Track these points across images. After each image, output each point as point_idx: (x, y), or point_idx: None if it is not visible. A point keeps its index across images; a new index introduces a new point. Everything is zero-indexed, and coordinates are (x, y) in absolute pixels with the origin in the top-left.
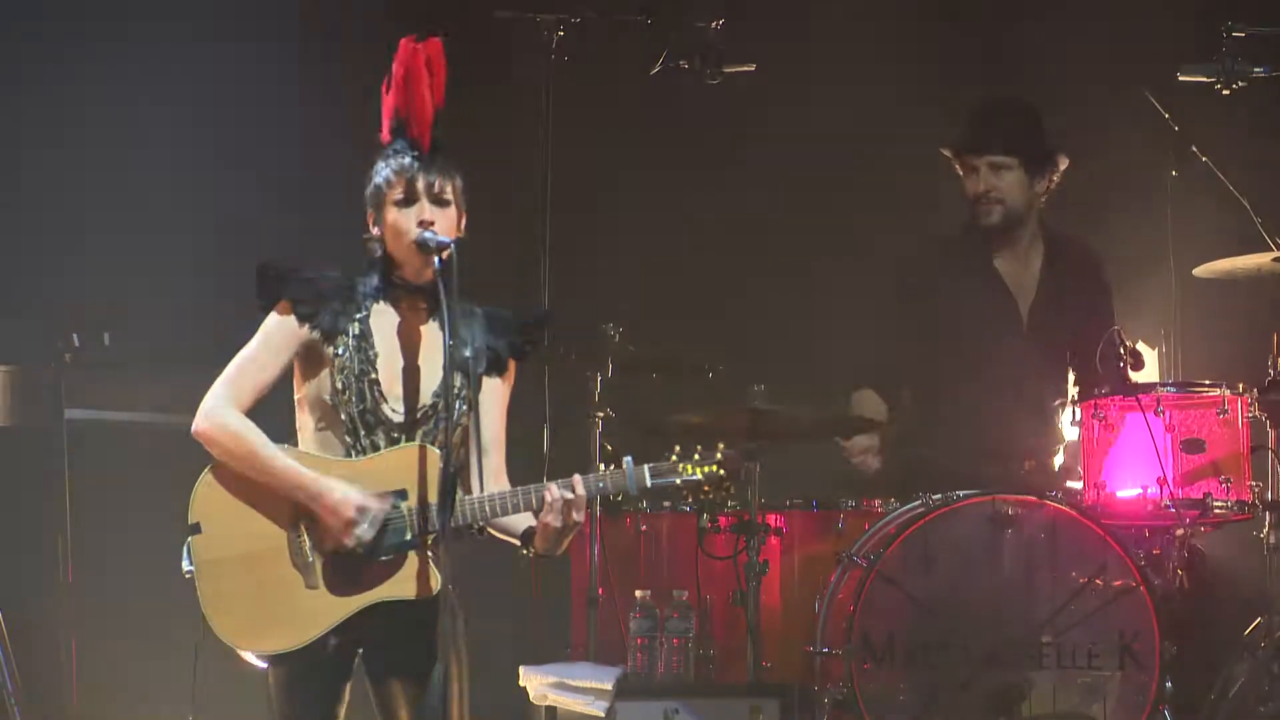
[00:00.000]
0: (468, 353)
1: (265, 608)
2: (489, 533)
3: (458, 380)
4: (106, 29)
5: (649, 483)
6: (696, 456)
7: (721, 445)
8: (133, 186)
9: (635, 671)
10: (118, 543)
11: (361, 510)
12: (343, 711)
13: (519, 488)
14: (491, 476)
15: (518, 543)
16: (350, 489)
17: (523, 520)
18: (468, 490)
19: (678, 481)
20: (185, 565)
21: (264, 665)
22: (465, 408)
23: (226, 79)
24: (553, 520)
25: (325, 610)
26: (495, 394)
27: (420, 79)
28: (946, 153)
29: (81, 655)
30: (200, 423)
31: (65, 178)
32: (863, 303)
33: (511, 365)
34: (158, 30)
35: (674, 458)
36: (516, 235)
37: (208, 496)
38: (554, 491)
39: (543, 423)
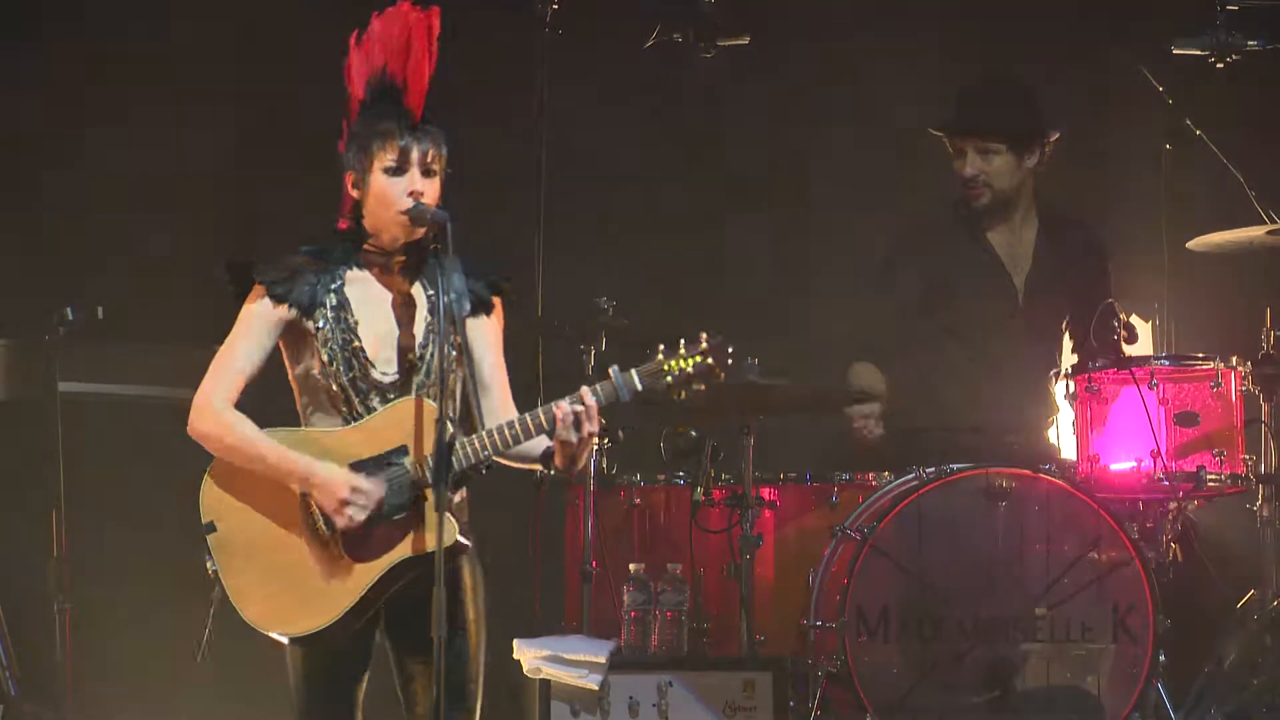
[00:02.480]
0: (449, 297)
1: (292, 590)
2: (496, 466)
3: (443, 326)
4: (106, 9)
5: (639, 385)
6: (681, 350)
7: (705, 334)
8: (129, 159)
9: (629, 644)
10: (111, 516)
11: (355, 490)
12: (363, 687)
13: (518, 416)
14: (498, 412)
15: (538, 468)
16: (340, 470)
17: (538, 445)
18: (471, 431)
19: (668, 379)
20: (210, 565)
21: (287, 642)
22: (455, 353)
23: (225, 52)
24: (568, 436)
25: (352, 580)
26: (486, 333)
27: (422, 46)
28: (936, 133)
29: (74, 629)
30: (194, 422)
31: (61, 151)
32: (857, 276)
33: (497, 303)
34: (159, 9)
35: (659, 356)
36: (510, 208)
37: (215, 494)
38: (564, 407)
39: (536, 397)
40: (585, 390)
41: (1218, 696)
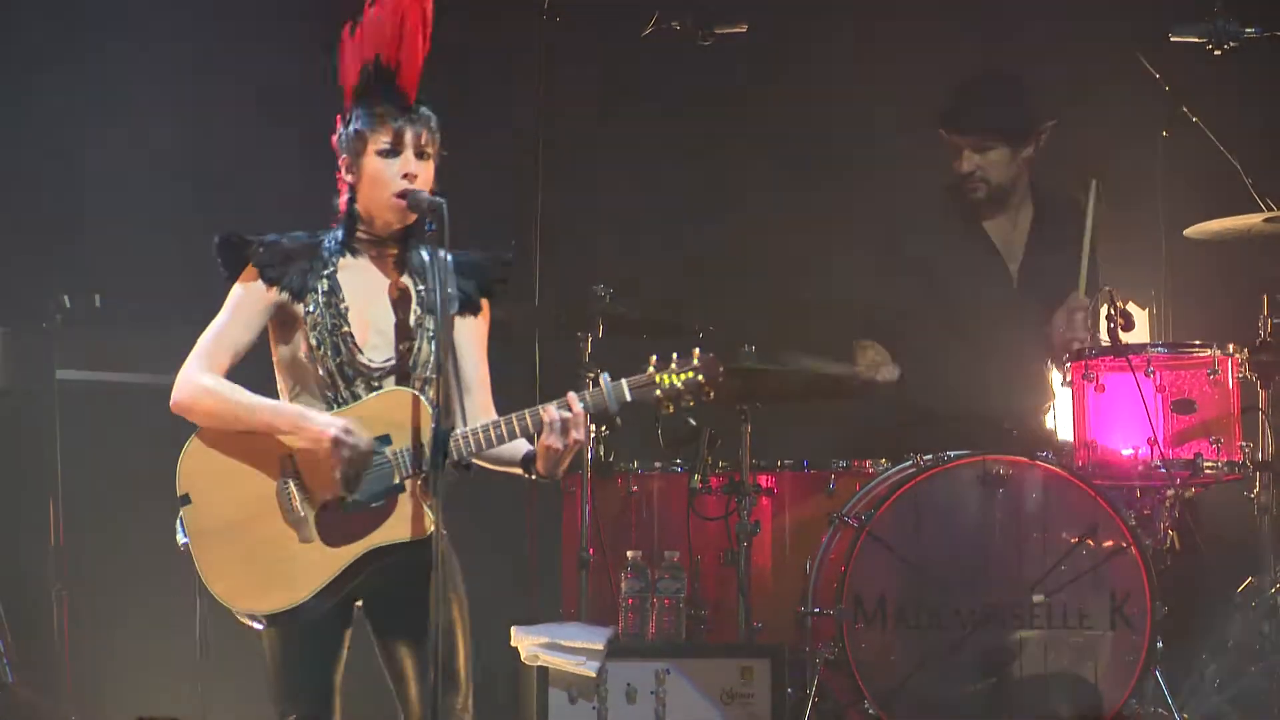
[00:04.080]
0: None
1: (262, 568)
2: (477, 466)
3: (434, 324)
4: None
5: (628, 396)
6: (673, 365)
7: (697, 350)
8: (124, 147)
9: (626, 632)
10: (109, 504)
11: (347, 430)
12: (341, 669)
13: (508, 415)
14: (479, 414)
15: (519, 470)
16: (330, 415)
17: (519, 448)
18: (451, 428)
19: (658, 392)
20: (180, 538)
21: (261, 627)
22: (437, 349)
23: (220, 39)
24: (554, 442)
25: (322, 563)
26: (471, 333)
27: (416, 29)
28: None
29: (72, 616)
30: (176, 394)
31: (56, 138)
32: (855, 263)
33: (485, 305)
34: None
35: (650, 368)
36: (509, 195)
37: (192, 468)
38: (552, 412)
39: (533, 384)
40: (572, 396)
41: (1215, 684)
